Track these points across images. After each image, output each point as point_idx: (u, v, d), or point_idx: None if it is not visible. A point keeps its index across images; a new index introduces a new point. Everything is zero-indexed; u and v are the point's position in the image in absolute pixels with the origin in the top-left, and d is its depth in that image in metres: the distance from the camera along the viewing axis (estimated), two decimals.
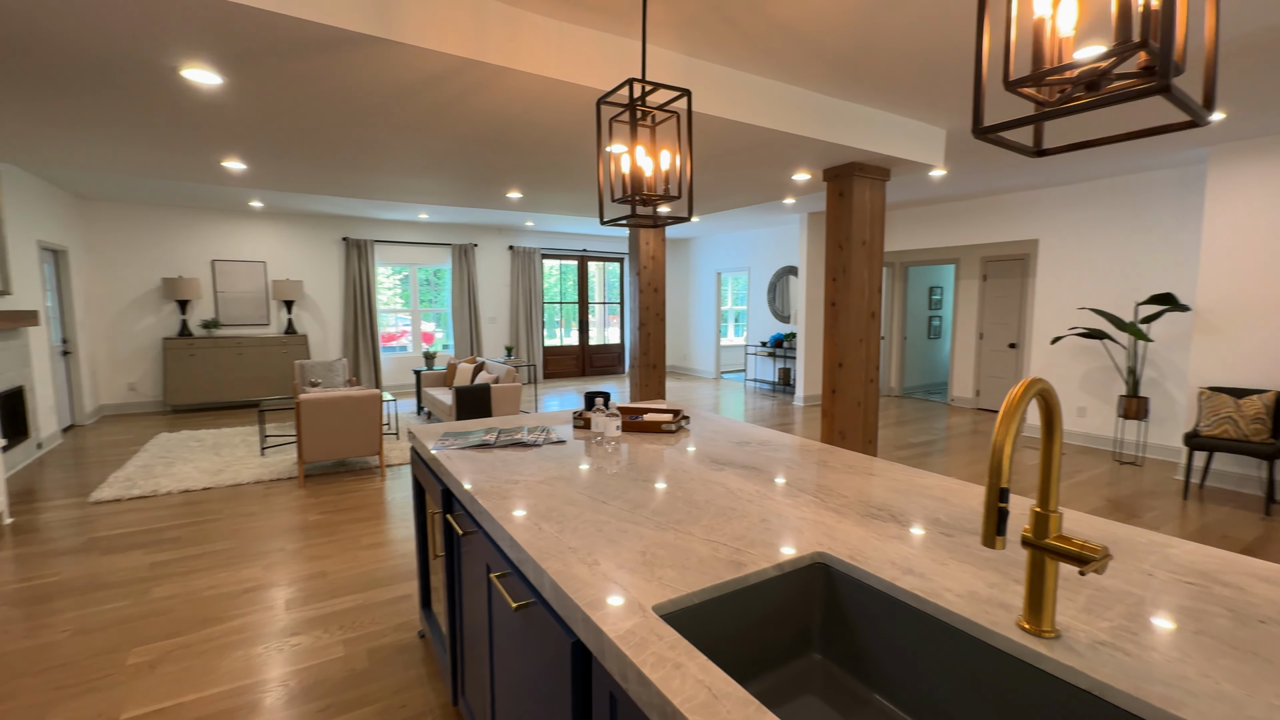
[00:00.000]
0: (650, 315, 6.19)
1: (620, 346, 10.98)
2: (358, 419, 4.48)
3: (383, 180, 4.81)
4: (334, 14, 2.02)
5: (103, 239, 6.87)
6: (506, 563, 1.29)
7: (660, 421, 2.19)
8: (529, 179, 4.67)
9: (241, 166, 4.16)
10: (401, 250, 8.69)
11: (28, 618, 2.54)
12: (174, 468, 4.73)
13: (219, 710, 1.97)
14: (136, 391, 7.12)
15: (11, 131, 3.45)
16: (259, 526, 3.58)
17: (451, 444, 2.00)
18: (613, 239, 10.48)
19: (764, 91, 3.15)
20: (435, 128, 3.30)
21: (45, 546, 3.28)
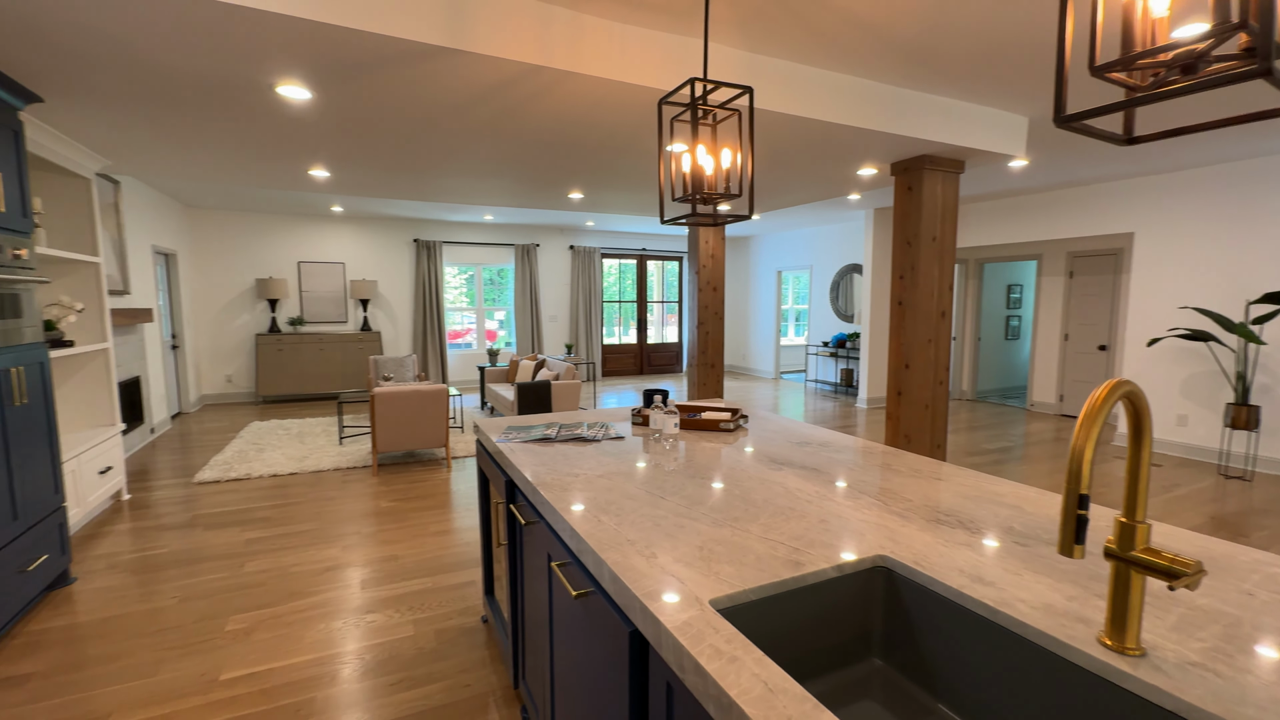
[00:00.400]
0: (709, 314, 6.16)
1: (678, 345, 10.97)
2: (426, 412, 4.70)
3: (451, 183, 5.02)
4: (412, 29, 2.13)
5: (206, 243, 7.52)
6: (567, 552, 1.34)
7: (718, 420, 2.19)
8: (590, 179, 4.76)
9: (325, 174, 4.45)
10: (467, 250, 9.03)
11: (141, 584, 2.83)
12: (264, 454, 5.13)
13: (305, 677, 2.12)
14: (232, 383, 7.75)
15: (133, 147, 3.84)
16: (338, 510, 3.83)
17: (515, 437, 2.07)
18: (672, 238, 10.49)
19: (829, 85, 3.08)
20: (501, 132, 3.41)
21: (156, 521, 3.64)
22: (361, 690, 2.06)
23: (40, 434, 2.65)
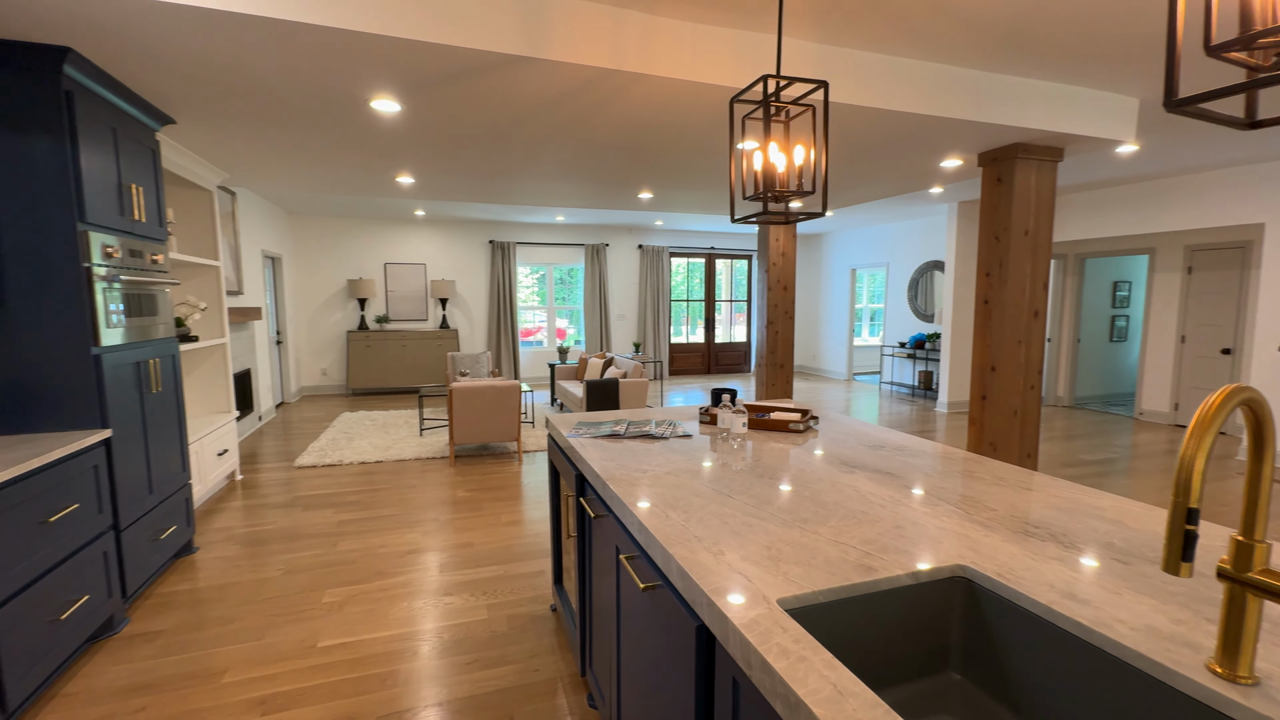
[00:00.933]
0: (779, 313, 6.05)
1: (746, 344, 10.83)
2: (500, 407, 4.90)
3: (525, 186, 5.19)
4: (491, 40, 2.23)
5: (306, 247, 8.17)
6: (635, 546, 1.37)
7: (788, 420, 2.16)
8: (660, 179, 4.79)
9: (410, 180, 4.74)
10: (539, 251, 9.31)
11: (251, 556, 3.12)
12: (354, 442, 5.52)
13: (390, 650, 2.28)
14: (327, 376, 8.38)
15: (248, 161, 4.24)
16: (418, 498, 4.07)
17: (585, 433, 2.13)
18: (741, 236, 10.36)
19: (910, 74, 2.95)
20: (574, 135, 3.50)
21: (263, 500, 4.00)
22: (439, 666, 2.19)
23: (171, 418, 2.98)
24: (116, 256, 2.51)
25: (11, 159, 2.19)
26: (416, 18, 2.16)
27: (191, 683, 2.10)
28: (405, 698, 2.02)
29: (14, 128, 2.19)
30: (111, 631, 2.39)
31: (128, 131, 2.68)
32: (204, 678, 2.12)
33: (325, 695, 2.03)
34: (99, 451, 2.34)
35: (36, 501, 1.96)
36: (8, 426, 2.27)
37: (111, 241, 2.49)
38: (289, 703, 1.99)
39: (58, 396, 2.31)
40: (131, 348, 2.62)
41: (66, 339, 2.30)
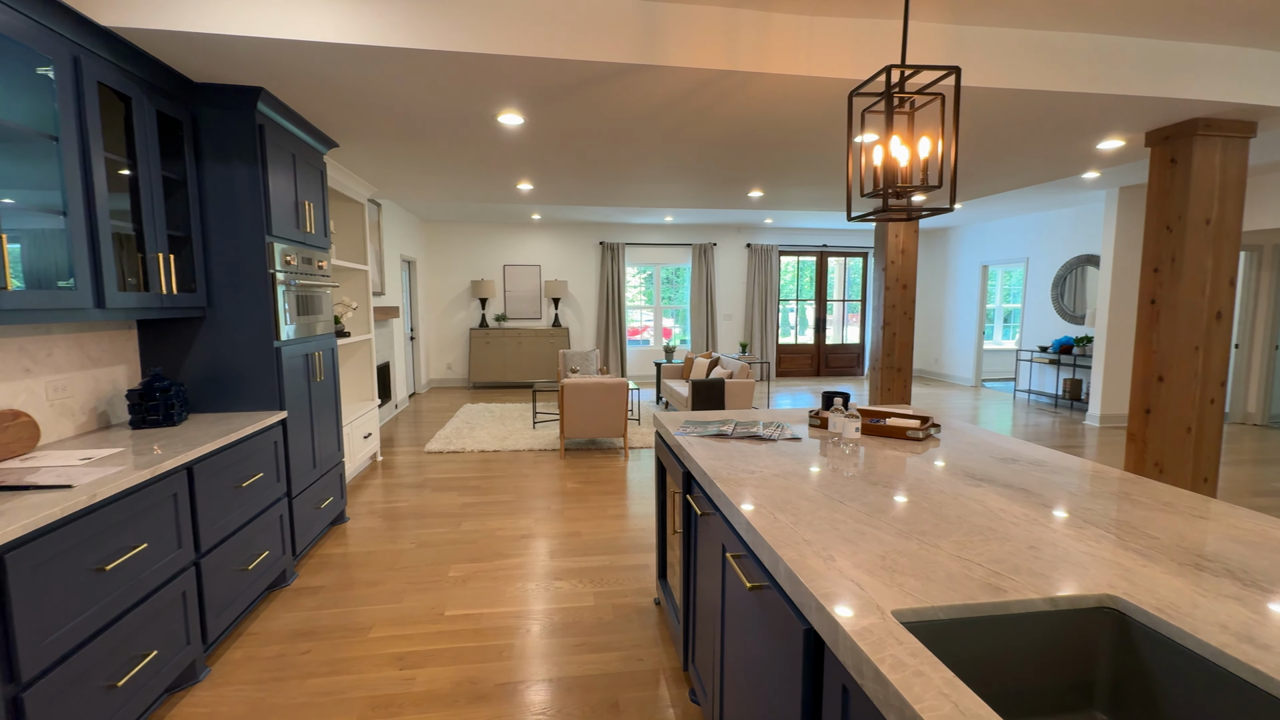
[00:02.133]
0: (897, 314, 5.70)
1: (859, 346, 10.29)
2: (608, 404, 5.06)
3: (635, 188, 5.32)
4: (610, 52, 2.33)
5: (435, 251, 8.95)
6: (742, 545, 1.37)
7: (905, 427, 2.04)
8: (771, 177, 4.70)
9: (529, 186, 5.04)
10: (647, 251, 9.48)
11: (389, 529, 3.50)
12: (475, 432, 5.97)
13: (506, 625, 2.46)
14: (452, 370, 9.12)
15: (392, 175, 4.74)
16: (531, 487, 4.32)
17: (692, 431, 2.16)
18: (855, 233, 9.86)
19: (1060, 48, 2.66)
20: (685, 137, 3.54)
21: (398, 480, 4.46)
22: (550, 645, 2.32)
23: (330, 404, 3.42)
24: (292, 263, 2.93)
25: (219, 182, 2.63)
26: (541, 37, 2.31)
27: (344, 634, 2.40)
28: (520, 670, 2.17)
29: (220, 157, 2.63)
30: (284, 584, 2.79)
31: (302, 156, 3.11)
32: (354, 630, 2.42)
33: (451, 658, 2.23)
34: (277, 430, 2.74)
35: (234, 468, 2.34)
36: (212, 406, 2.73)
37: (289, 251, 2.91)
38: (422, 661, 2.22)
39: (247, 382, 2.74)
40: (301, 342, 3.04)
41: (255, 334, 2.73)
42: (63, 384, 2.25)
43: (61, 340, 2.25)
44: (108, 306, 2.05)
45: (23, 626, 1.39)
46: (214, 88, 2.59)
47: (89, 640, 1.60)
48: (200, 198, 2.63)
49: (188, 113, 2.56)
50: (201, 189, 2.62)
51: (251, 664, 2.21)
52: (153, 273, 2.30)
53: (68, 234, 1.92)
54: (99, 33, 2.02)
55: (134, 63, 2.22)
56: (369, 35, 2.22)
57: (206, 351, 2.70)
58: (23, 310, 1.73)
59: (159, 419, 2.41)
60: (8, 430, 1.94)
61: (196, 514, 2.09)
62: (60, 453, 2.00)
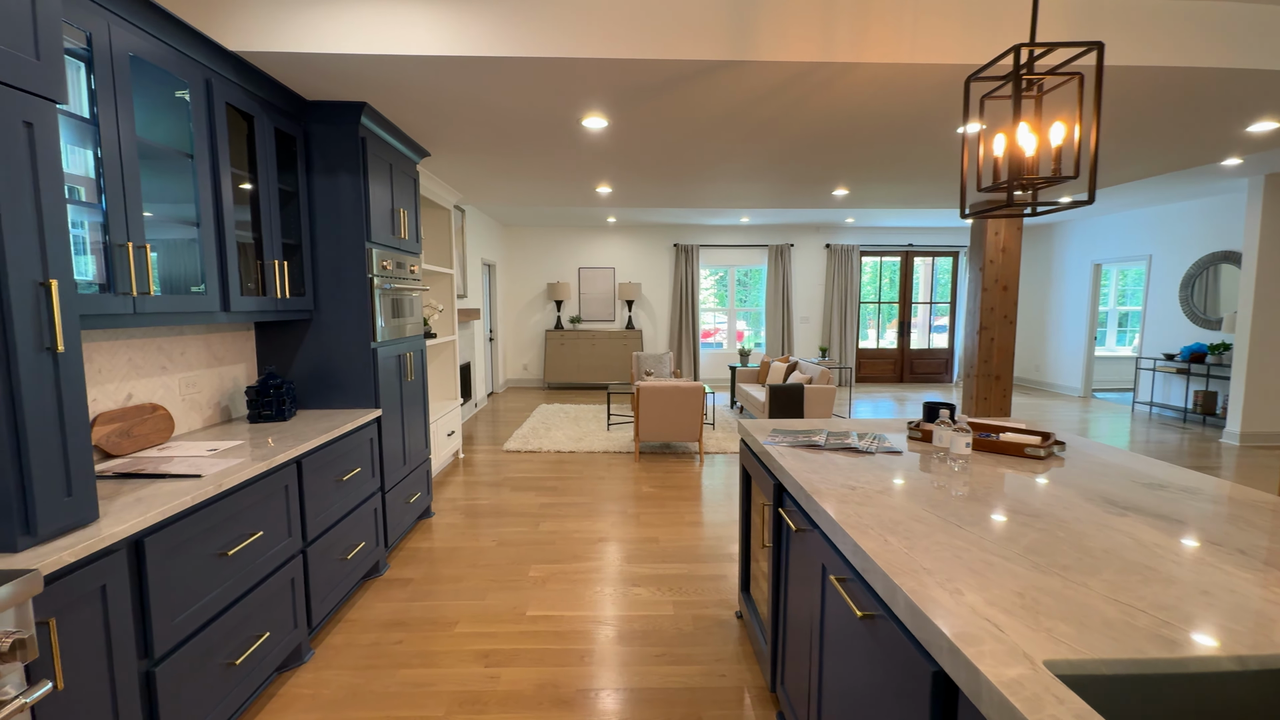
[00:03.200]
0: (995, 317, 5.28)
1: (947, 352, 9.67)
2: (684, 408, 5.00)
3: (714, 188, 5.24)
4: (698, 49, 2.28)
5: (514, 254, 9.23)
6: (847, 568, 1.27)
7: (1023, 444, 1.85)
8: (858, 174, 4.48)
9: (608, 189, 5.07)
10: (722, 253, 9.34)
11: (471, 526, 3.60)
12: (550, 432, 6.08)
13: (587, 629, 2.45)
14: (527, 370, 9.37)
15: (477, 182, 4.91)
16: (607, 489, 4.33)
17: (781, 440, 2.06)
18: (944, 231, 9.28)
19: (1210, 18, 2.34)
20: (770, 135, 3.43)
21: (479, 478, 4.59)
22: (630, 653, 2.29)
23: (419, 402, 3.57)
24: (388, 268, 3.07)
25: (326, 193, 2.80)
26: (628, 38, 2.29)
27: (433, 627, 2.47)
28: (600, 676, 2.15)
29: (327, 169, 2.79)
30: (377, 574, 2.93)
31: (398, 165, 3.26)
32: (441, 625, 2.49)
33: (533, 660, 2.25)
34: (373, 427, 2.88)
35: (335, 463, 2.47)
36: (315, 402, 2.90)
37: (385, 256, 3.05)
38: (505, 660, 2.25)
39: (346, 381, 2.90)
40: (394, 343, 3.19)
41: (354, 335, 2.88)
42: (193, 380, 2.45)
43: (193, 340, 2.46)
44: (232, 309, 2.22)
45: (158, 606, 1.51)
46: (323, 105, 2.76)
47: (212, 620, 1.72)
48: (309, 208, 2.80)
49: (301, 129, 2.74)
50: (310, 199, 2.80)
51: (350, 650, 2.32)
52: (269, 278, 2.47)
53: (199, 243, 2.09)
54: (227, 57, 2.19)
55: (256, 83, 2.39)
56: (462, 46, 2.28)
57: (312, 351, 2.88)
58: (161, 314, 1.89)
59: (271, 414, 2.59)
60: (147, 422, 2.14)
61: (304, 505, 2.22)
62: (190, 444, 2.18)
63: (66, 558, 1.26)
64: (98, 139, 1.69)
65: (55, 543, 1.29)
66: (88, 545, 1.31)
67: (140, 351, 2.18)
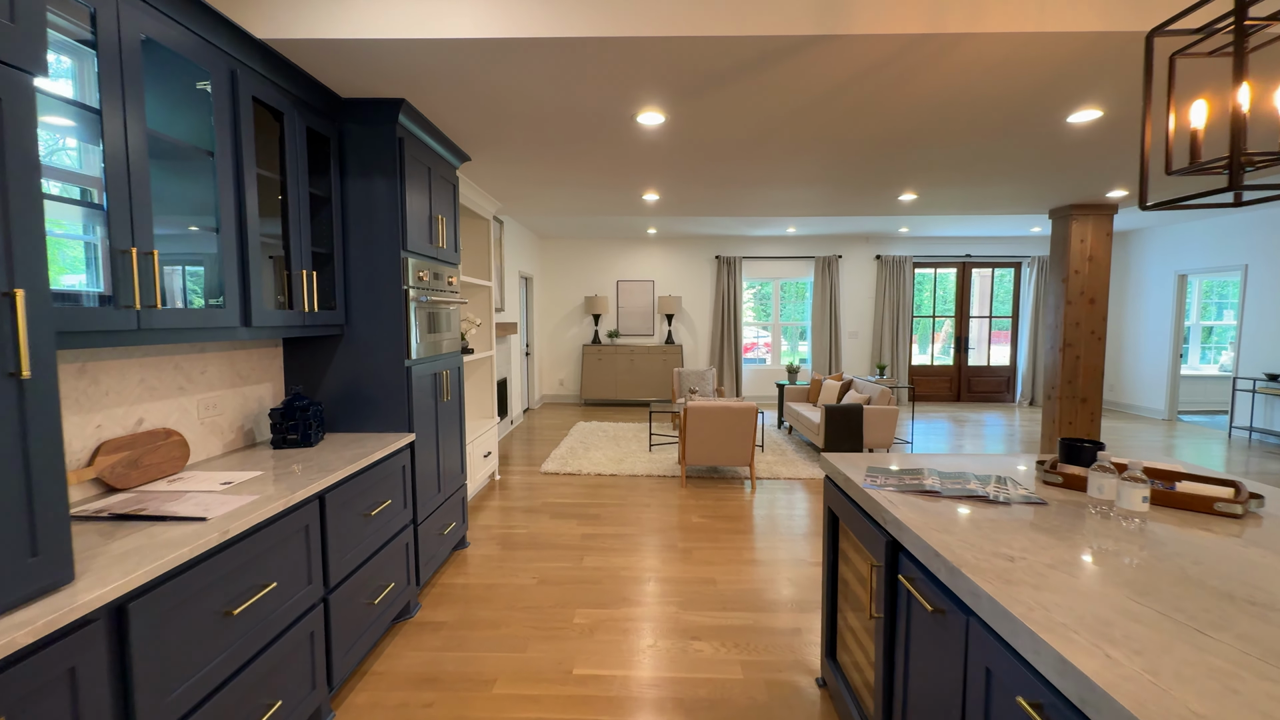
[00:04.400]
0: (1081, 334, 4.78)
1: (1009, 369, 9.04)
2: (734, 429, 4.64)
3: (767, 195, 4.91)
4: (781, 24, 1.97)
5: (551, 267, 9.04)
6: (1043, 688, 0.91)
7: (1211, 498, 1.45)
8: (935, 175, 4.08)
9: (655, 196, 4.80)
10: (765, 265, 8.97)
11: (509, 559, 3.31)
12: (590, 453, 5.77)
13: (643, 694, 2.11)
14: (564, 386, 9.13)
15: (517, 190, 4.70)
16: (653, 518, 3.99)
17: (887, 484, 1.70)
18: (1003, 240, 8.70)
19: None
20: (845, 131, 3.10)
21: (517, 503, 4.31)
22: None
23: (455, 424, 3.31)
24: (425, 279, 2.84)
25: (360, 198, 2.58)
26: (693, 13, 2.00)
27: (469, 686, 2.17)
28: None
29: (363, 173, 2.57)
30: (407, 616, 2.65)
31: (437, 170, 3.04)
32: (478, 683, 2.19)
33: None
34: (406, 453, 2.62)
35: (363, 495, 2.21)
36: (345, 424, 2.66)
37: (421, 266, 2.82)
38: None
39: (378, 402, 2.65)
40: (430, 360, 2.94)
41: (387, 353, 2.64)
42: (214, 402, 2.23)
43: (215, 358, 2.24)
44: (254, 325, 1.99)
45: (143, 685, 1.24)
46: (359, 102, 2.55)
47: (212, 695, 1.44)
48: (343, 214, 2.59)
49: (335, 129, 2.53)
50: (344, 205, 2.59)
51: (376, 712, 2.03)
52: (297, 290, 2.25)
53: (219, 251, 1.87)
54: (253, 45, 1.99)
55: (286, 78, 2.19)
56: (507, 27, 2.03)
57: (342, 370, 2.65)
58: (171, 330, 1.66)
59: (297, 439, 2.35)
60: (159, 450, 1.91)
61: (327, 546, 1.95)
62: (205, 474, 1.94)
63: (21, 639, 0.99)
64: (100, 130, 1.47)
65: (13, 616, 1.04)
66: (52, 620, 1.05)
67: (155, 371, 1.96)
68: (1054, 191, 4.35)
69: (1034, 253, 8.74)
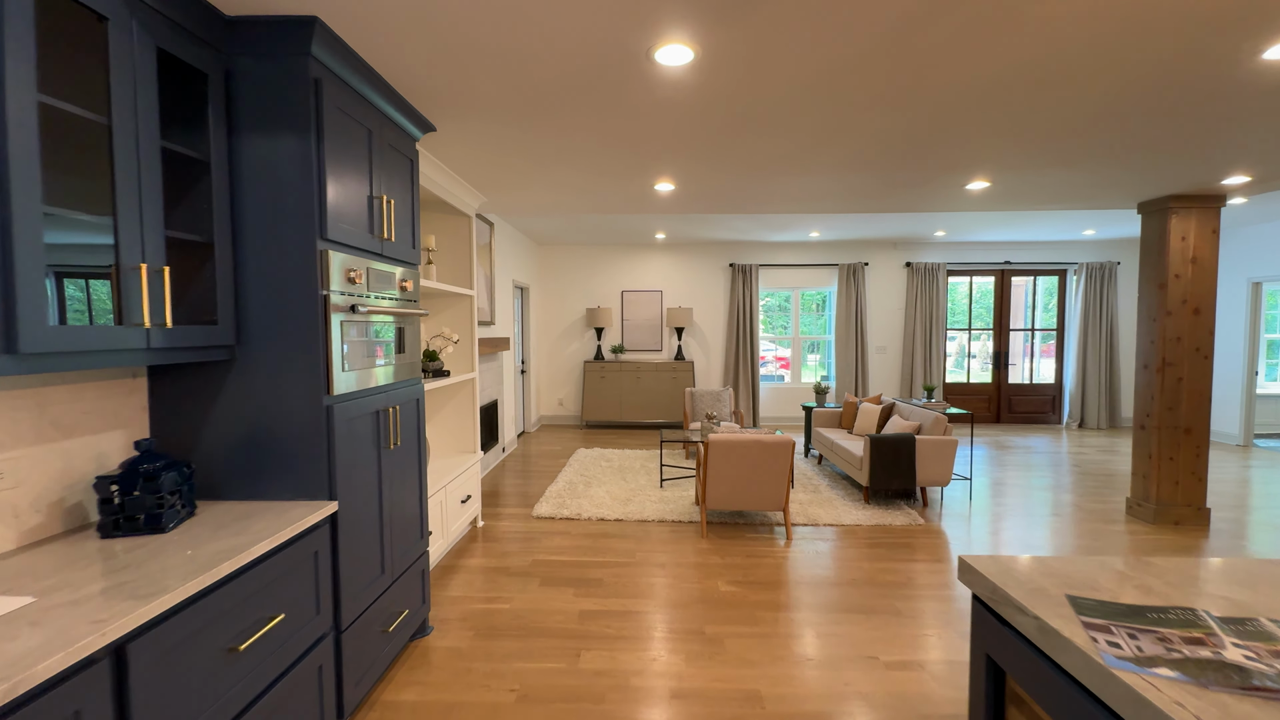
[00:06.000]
0: (1184, 350, 3.96)
1: (1054, 388, 8.20)
2: (766, 468, 3.81)
3: (803, 183, 4.12)
4: None
5: (549, 276, 8.26)
6: None
7: None
8: (1019, 153, 3.29)
9: (670, 186, 4.01)
10: (784, 274, 8.18)
11: (480, 656, 2.47)
12: (591, 489, 4.94)
13: None
14: (563, 406, 8.31)
15: (505, 180, 3.92)
16: (670, 586, 3.15)
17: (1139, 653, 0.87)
18: (1047, 246, 7.91)
19: None
20: (921, 78, 2.32)
21: (501, 560, 3.48)
22: None
23: (411, 476, 2.49)
24: (359, 282, 2.04)
25: (259, 163, 1.79)
26: None
27: None
28: None
29: (260, 127, 1.79)
30: None
31: (384, 136, 2.25)
32: None
33: None
34: (322, 533, 1.80)
35: (228, 618, 1.39)
36: (235, 490, 1.85)
37: (355, 264, 2.02)
38: None
39: (283, 457, 1.84)
40: (370, 395, 2.13)
41: (297, 386, 1.83)
42: (7, 467, 1.43)
43: (5, 400, 1.44)
44: (23, 351, 1.18)
45: None
46: (252, 24, 1.76)
47: None
48: (231, 187, 1.80)
49: (220, 63, 1.75)
50: (234, 174, 1.79)
51: None
52: (131, 295, 1.44)
53: None
54: None
55: None
56: None
57: (232, 410, 1.84)
58: None
59: (140, 522, 1.54)
60: None
61: None
62: None
63: None
64: None
65: None
66: None
67: None
68: (1154, 177, 3.55)
69: (1081, 259, 7.93)
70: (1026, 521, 4.22)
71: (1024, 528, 4.08)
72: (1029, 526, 4.11)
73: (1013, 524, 4.16)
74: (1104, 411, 7.84)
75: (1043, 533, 3.98)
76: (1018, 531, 4.01)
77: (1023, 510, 4.47)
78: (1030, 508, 4.54)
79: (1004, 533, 3.99)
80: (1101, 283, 7.80)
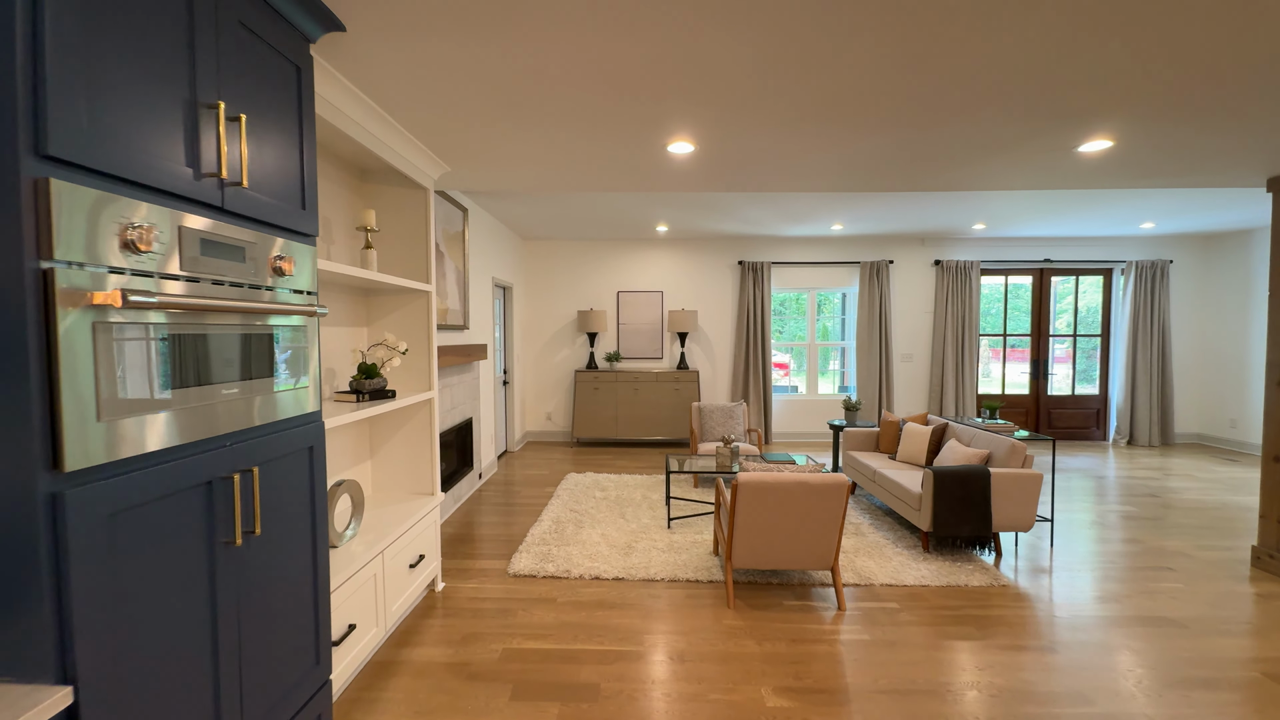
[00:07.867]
0: None
1: (1098, 400, 7.37)
2: (813, 517, 2.91)
3: (856, 144, 3.22)
4: None
5: (536, 275, 7.33)
6: None
7: None
8: (1155, 99, 2.42)
9: (689, 148, 3.09)
10: (799, 273, 7.30)
11: None
12: (582, 532, 4.01)
13: None
14: (552, 421, 7.36)
15: (468, 135, 3.00)
16: (696, 700, 2.23)
17: None
18: (1093, 242, 7.09)
19: None
20: None
21: (458, 651, 2.54)
22: None
23: (293, 575, 1.55)
24: (151, 249, 1.10)
25: None
26: None
27: None
28: None
29: None
30: None
31: (233, 8, 1.33)
32: None
33: None
34: None
35: None
36: None
37: (140, 217, 1.09)
38: None
39: None
40: (187, 454, 1.20)
41: None
42: None
43: None
44: None
45: None
46: None
47: None
48: None
49: None
50: None
51: None
52: None
53: None
54: None
55: None
56: None
57: None
58: None
59: None
60: None
61: None
62: None
63: None
64: None
65: None
66: None
67: None
68: None
69: (1131, 256, 7.12)
70: (1131, 578, 3.34)
71: (1132, 591, 3.19)
72: (1137, 587, 3.22)
73: (1114, 585, 3.26)
74: (1155, 427, 7.01)
75: (1159, 600, 3.09)
76: (1126, 596, 3.13)
77: (1122, 562, 3.59)
78: (1130, 557, 3.66)
79: (1108, 598, 3.10)
80: (1152, 283, 7.00)
